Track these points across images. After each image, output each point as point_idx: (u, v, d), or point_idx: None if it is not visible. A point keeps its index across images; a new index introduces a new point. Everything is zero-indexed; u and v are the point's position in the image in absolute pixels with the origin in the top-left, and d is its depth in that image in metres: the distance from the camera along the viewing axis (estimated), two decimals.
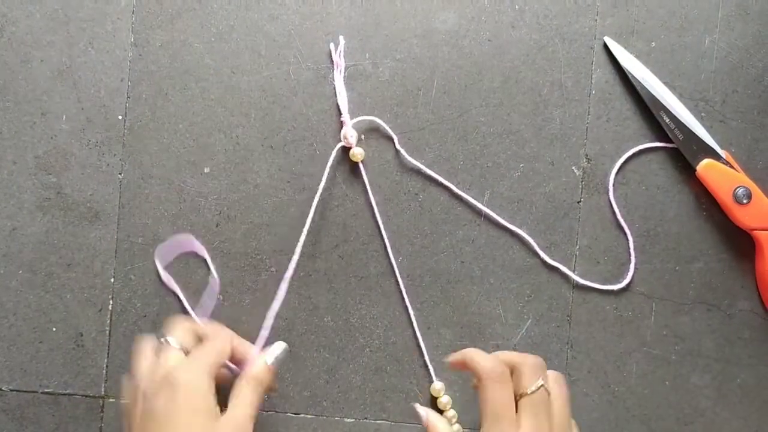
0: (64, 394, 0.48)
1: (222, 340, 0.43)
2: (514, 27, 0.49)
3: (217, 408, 0.39)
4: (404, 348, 0.49)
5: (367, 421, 0.49)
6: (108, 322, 0.49)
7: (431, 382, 0.49)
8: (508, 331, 0.49)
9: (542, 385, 0.39)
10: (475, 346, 0.48)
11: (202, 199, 0.49)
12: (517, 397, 0.39)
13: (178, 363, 0.40)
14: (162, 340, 0.42)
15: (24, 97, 0.49)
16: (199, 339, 0.44)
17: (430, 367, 0.49)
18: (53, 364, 0.48)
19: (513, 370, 0.40)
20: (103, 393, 0.48)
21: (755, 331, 0.49)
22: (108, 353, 0.49)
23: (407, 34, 0.49)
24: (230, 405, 0.40)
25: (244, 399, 0.40)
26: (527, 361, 0.40)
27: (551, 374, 0.41)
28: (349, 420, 0.49)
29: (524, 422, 0.38)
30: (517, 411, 0.39)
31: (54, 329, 0.48)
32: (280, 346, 0.44)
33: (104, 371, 0.48)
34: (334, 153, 0.48)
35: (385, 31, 0.49)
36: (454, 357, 0.43)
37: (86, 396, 0.48)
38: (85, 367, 0.48)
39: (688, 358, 0.49)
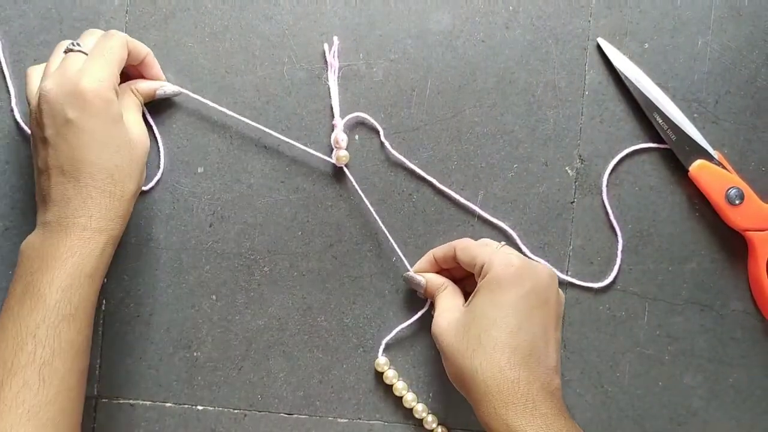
0: None
1: (119, 38, 0.44)
2: (507, 28, 0.49)
3: (120, 111, 0.43)
4: (398, 349, 0.49)
5: (361, 421, 0.49)
6: (101, 322, 0.48)
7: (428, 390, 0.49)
8: None
9: (504, 244, 0.45)
10: None
11: (195, 199, 0.49)
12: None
13: (81, 67, 0.41)
14: (72, 44, 0.43)
15: (18, 95, 0.48)
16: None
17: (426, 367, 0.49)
18: None
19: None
20: (95, 393, 0.48)
21: (748, 332, 0.49)
22: (101, 353, 0.48)
23: (401, 34, 0.49)
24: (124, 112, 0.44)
25: (131, 103, 0.46)
26: (481, 240, 0.46)
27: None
28: (342, 420, 0.49)
29: (514, 254, 0.43)
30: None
31: None
32: (174, 89, 0.48)
33: (97, 372, 0.48)
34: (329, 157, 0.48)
35: (379, 32, 0.49)
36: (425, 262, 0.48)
37: None
38: None
39: (681, 358, 0.49)
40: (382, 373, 0.48)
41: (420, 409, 0.48)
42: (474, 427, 0.49)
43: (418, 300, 0.49)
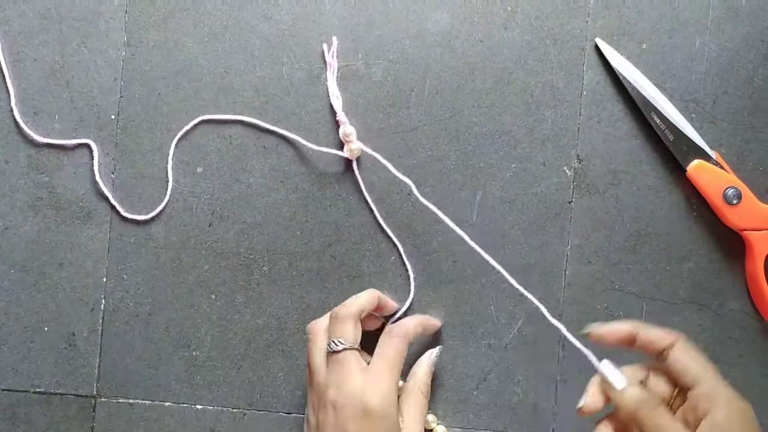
0: (56, 394, 0.48)
1: (398, 338, 0.43)
2: (506, 28, 0.49)
3: (399, 423, 0.41)
4: None
5: None
6: (100, 321, 0.49)
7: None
8: (501, 330, 0.49)
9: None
10: (466, 346, 0.49)
11: (194, 199, 0.49)
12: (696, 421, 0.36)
13: (361, 376, 0.41)
14: (333, 344, 0.42)
15: (17, 96, 0.48)
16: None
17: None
18: (45, 363, 0.48)
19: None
20: (95, 393, 0.48)
21: (745, 331, 0.49)
22: (100, 353, 0.48)
23: (400, 34, 0.49)
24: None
25: (416, 412, 0.44)
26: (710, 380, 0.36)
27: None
28: None
29: None
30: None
31: (46, 329, 0.48)
32: (436, 351, 0.47)
33: (96, 371, 0.48)
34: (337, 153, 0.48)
35: (378, 32, 0.49)
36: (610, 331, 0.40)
37: (78, 396, 0.48)
38: (77, 367, 0.48)
39: None
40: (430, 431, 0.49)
41: None
42: (473, 426, 0.49)
43: (417, 299, 0.49)
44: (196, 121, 0.48)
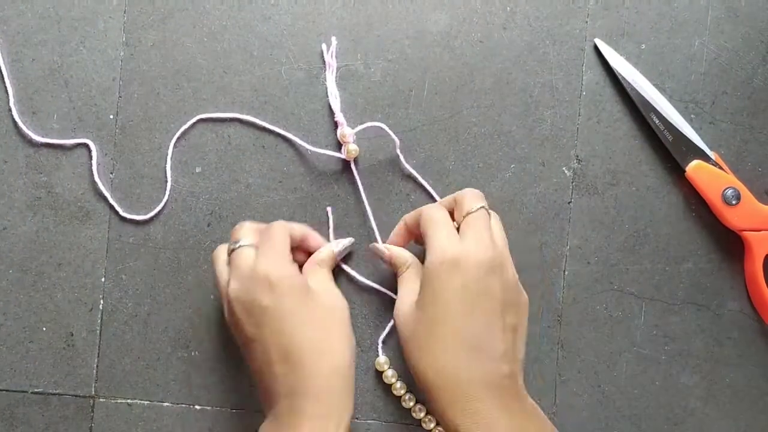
0: (54, 394, 0.48)
1: (279, 224, 0.43)
2: (505, 28, 0.49)
3: (305, 282, 0.42)
4: (396, 348, 0.49)
5: (359, 420, 0.49)
6: (98, 321, 0.48)
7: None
8: None
9: (482, 207, 0.42)
10: None
11: (193, 199, 0.49)
12: (460, 221, 0.42)
13: (256, 257, 0.41)
14: (234, 245, 0.43)
15: (15, 95, 0.48)
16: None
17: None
18: (43, 363, 0.48)
19: (454, 204, 0.44)
20: (93, 393, 0.48)
21: (744, 332, 0.49)
22: (98, 353, 0.48)
23: (399, 35, 0.49)
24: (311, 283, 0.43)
25: (319, 275, 0.45)
26: (466, 192, 0.43)
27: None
28: None
29: (467, 233, 0.41)
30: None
31: (44, 329, 0.48)
32: (347, 240, 0.48)
33: (94, 371, 0.48)
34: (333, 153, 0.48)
35: (377, 32, 0.49)
36: (395, 235, 0.47)
37: (76, 396, 0.48)
38: (75, 367, 0.48)
39: (677, 358, 0.49)
40: (382, 373, 0.48)
41: (418, 409, 0.48)
42: None
43: None
44: (194, 119, 0.48)
